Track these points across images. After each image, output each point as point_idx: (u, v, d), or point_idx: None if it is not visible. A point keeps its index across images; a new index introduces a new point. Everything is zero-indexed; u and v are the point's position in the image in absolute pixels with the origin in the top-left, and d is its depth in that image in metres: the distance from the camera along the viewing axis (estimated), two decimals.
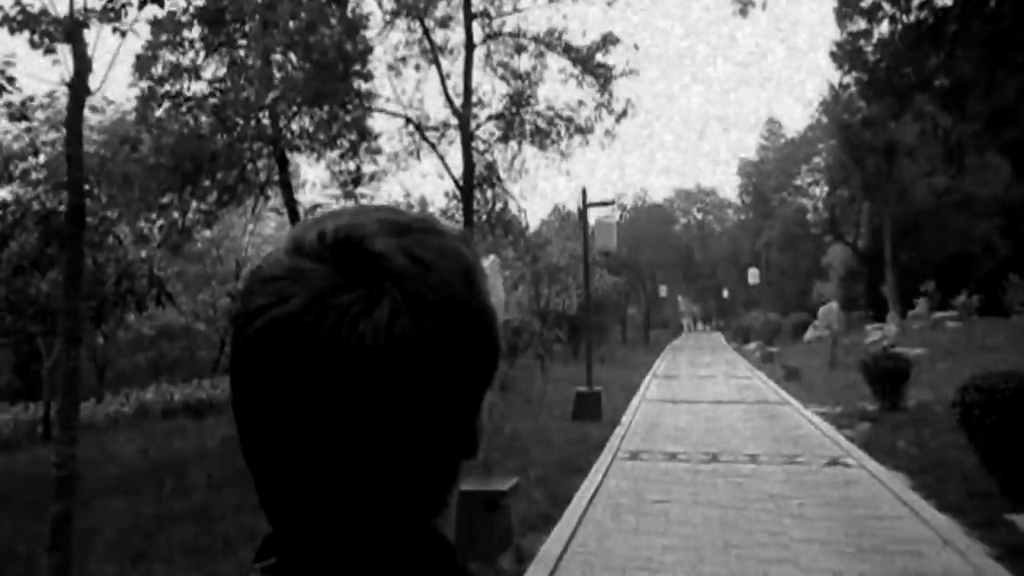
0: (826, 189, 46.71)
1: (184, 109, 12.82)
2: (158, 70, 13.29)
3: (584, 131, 14.22)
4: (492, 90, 18.41)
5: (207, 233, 21.44)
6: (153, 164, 11.69)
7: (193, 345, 22.50)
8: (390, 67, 14.36)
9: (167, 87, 13.37)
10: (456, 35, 14.49)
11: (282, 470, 0.56)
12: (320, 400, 0.53)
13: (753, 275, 37.12)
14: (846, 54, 14.94)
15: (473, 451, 0.62)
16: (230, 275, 21.84)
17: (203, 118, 13.11)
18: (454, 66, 14.74)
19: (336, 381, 0.52)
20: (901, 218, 37.84)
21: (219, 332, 21.21)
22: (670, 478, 9.10)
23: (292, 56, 13.32)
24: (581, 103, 14.31)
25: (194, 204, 13.62)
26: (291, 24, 11.07)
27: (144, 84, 12.84)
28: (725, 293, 71.76)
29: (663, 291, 65.46)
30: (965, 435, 8.01)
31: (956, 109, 12.79)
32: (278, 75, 12.72)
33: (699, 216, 79.72)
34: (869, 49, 14.42)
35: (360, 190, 16.23)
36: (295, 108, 12.59)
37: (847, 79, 15.76)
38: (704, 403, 16.68)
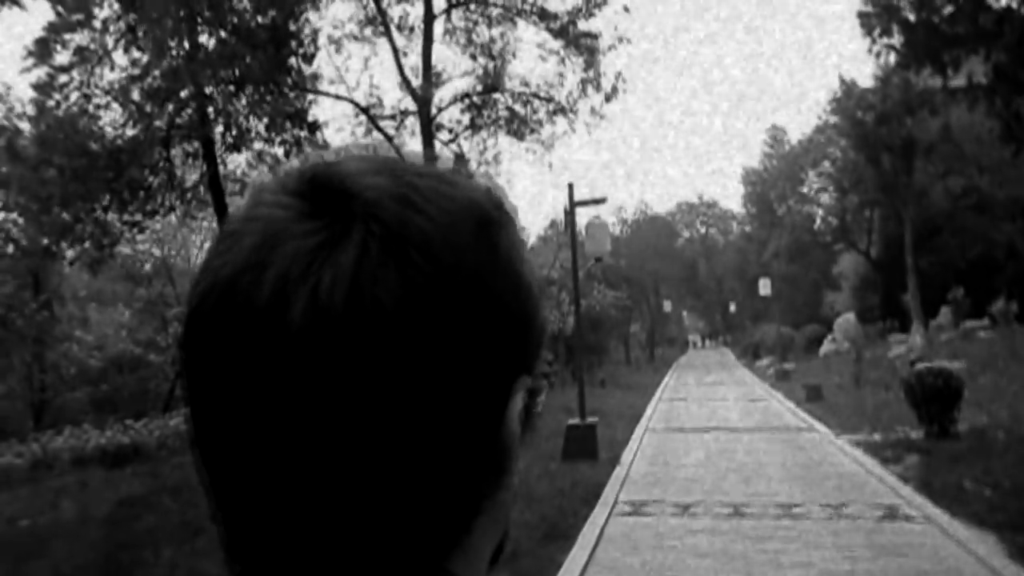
0: (835, 195, 44.64)
1: (91, 100, 10.82)
2: (61, 55, 11.33)
3: (567, 111, 12.05)
4: (456, 67, 16.10)
5: (156, 252, 19.44)
6: (39, 162, 9.66)
7: (148, 377, 20.32)
8: (332, 41, 12.24)
9: (74, 75, 11.40)
10: (415, 9, 12.41)
11: (239, 494, 0.40)
12: (268, 381, 0.38)
13: (764, 286, 34.85)
14: (878, 15, 12.84)
15: (499, 471, 0.45)
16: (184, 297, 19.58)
17: (116, 108, 11.11)
18: (411, 42, 12.62)
19: (285, 352, 0.37)
20: (918, 223, 35.80)
21: (170, 363, 19.09)
22: (683, 545, 6.91)
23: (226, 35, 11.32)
24: (561, 76, 12.14)
25: (109, 214, 11.58)
26: None
27: (43, 72, 10.84)
28: (732, 307, 69.59)
29: (667, 306, 63.33)
30: None
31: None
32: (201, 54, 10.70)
33: (702, 229, 77.76)
34: (904, 5, 12.38)
35: None
36: (222, 91, 10.52)
37: (876, 47, 13.72)
38: (719, 431, 14.48)
